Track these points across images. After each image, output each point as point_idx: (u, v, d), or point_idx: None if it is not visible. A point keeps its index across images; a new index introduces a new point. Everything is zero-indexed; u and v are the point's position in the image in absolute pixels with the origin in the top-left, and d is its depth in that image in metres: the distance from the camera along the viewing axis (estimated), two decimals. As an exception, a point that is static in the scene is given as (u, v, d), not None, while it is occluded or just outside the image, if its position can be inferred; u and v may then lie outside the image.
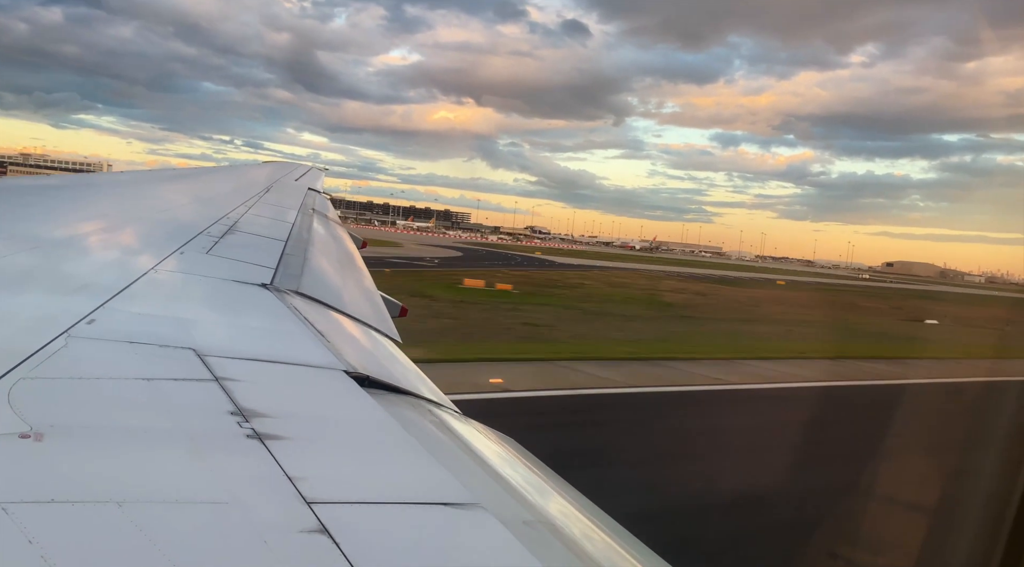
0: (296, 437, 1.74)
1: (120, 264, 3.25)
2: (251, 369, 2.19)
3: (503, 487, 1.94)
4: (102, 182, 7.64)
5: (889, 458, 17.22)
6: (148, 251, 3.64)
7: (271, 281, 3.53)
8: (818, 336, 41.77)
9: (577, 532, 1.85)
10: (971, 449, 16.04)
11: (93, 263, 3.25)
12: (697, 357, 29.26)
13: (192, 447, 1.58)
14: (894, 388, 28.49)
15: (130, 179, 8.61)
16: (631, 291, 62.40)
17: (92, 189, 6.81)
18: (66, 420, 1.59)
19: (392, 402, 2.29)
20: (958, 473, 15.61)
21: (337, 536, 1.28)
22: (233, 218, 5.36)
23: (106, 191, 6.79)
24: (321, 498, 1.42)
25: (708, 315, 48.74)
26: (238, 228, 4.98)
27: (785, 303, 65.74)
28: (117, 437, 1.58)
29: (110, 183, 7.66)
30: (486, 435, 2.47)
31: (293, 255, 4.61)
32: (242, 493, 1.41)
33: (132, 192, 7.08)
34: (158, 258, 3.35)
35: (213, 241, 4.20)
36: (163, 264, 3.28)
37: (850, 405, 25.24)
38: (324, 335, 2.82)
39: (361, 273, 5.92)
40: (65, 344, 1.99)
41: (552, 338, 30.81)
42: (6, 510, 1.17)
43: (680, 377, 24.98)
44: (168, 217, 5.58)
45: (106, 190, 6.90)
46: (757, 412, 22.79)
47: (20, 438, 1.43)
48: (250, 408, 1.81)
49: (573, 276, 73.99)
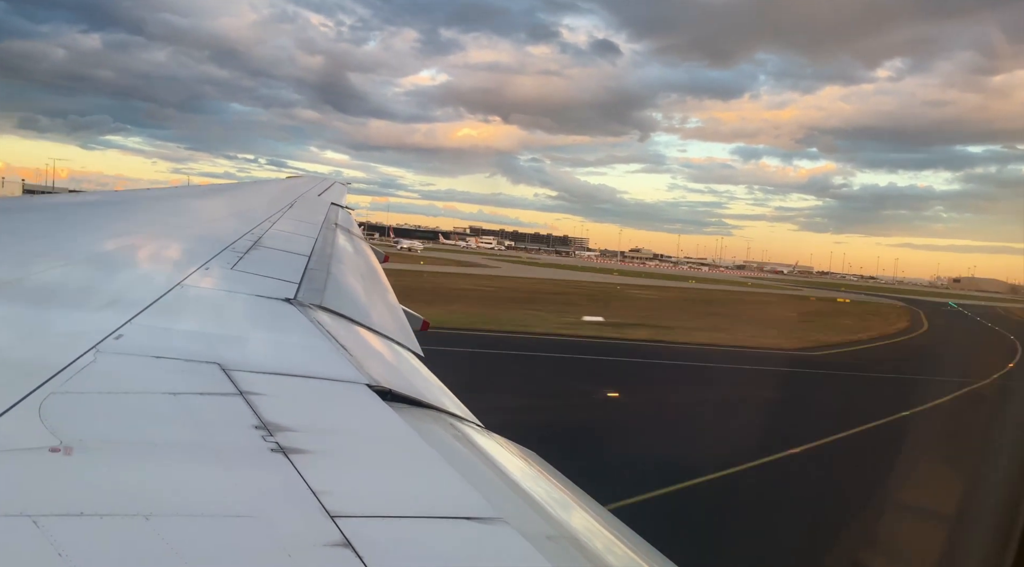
0: (320, 451, 1.75)
1: (147, 279, 3.30)
2: (275, 383, 2.21)
3: (526, 501, 1.93)
4: (129, 198, 7.75)
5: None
6: (174, 266, 3.69)
7: (295, 295, 3.56)
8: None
9: (600, 547, 1.84)
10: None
11: (121, 279, 3.30)
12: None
13: (218, 461, 1.59)
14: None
15: (155, 195, 8.73)
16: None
17: (119, 205, 6.92)
18: (95, 434, 1.61)
19: (414, 416, 2.30)
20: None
21: (361, 550, 1.29)
22: (258, 233, 5.43)
23: (133, 207, 6.90)
24: (345, 512, 1.42)
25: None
26: (262, 243, 5.04)
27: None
28: (144, 451, 1.60)
29: (136, 199, 7.77)
30: (508, 449, 2.47)
31: (316, 270, 4.65)
32: (267, 507, 1.42)
33: (158, 208, 7.18)
34: (184, 273, 3.40)
35: (238, 256, 4.25)
36: (189, 279, 3.32)
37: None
38: (347, 349, 2.84)
39: (384, 287, 5.96)
40: (94, 359, 2.02)
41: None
42: (37, 523, 1.19)
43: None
44: (193, 233, 5.65)
45: (133, 206, 7.01)
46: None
47: (51, 452, 1.45)
48: (274, 422, 1.83)
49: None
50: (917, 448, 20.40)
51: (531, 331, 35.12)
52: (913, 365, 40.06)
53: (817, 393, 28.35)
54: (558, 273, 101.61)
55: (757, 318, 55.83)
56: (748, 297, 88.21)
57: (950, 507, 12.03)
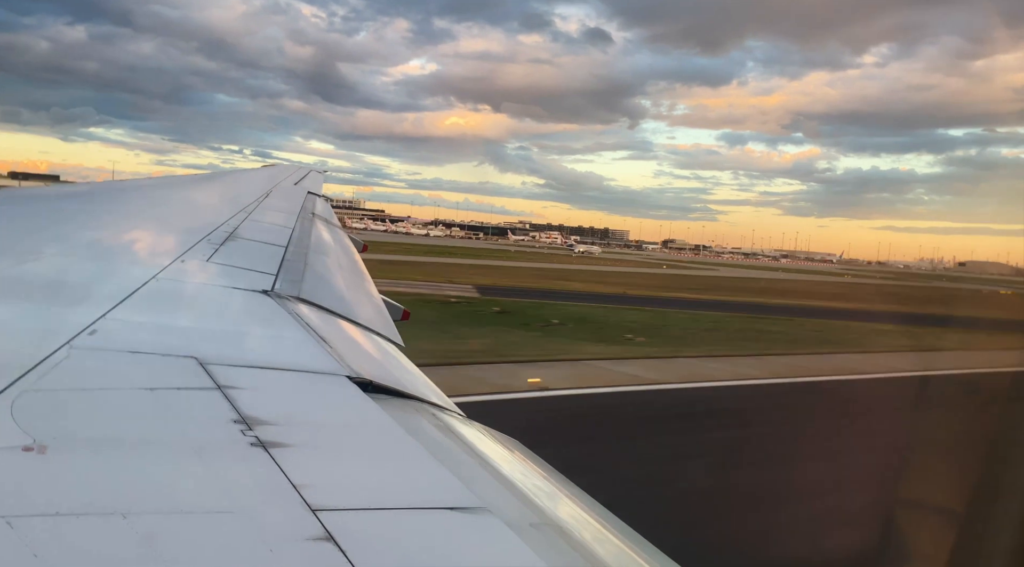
0: (300, 444, 1.73)
1: (121, 273, 3.25)
2: (254, 376, 2.19)
3: (510, 490, 1.93)
4: (103, 190, 7.63)
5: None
6: (148, 259, 3.64)
7: (272, 287, 3.53)
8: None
9: (585, 534, 1.85)
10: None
11: (94, 272, 3.25)
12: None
13: (196, 456, 1.57)
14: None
15: (130, 187, 8.60)
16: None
17: (93, 197, 6.81)
18: (69, 432, 1.58)
19: (396, 407, 2.29)
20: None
21: (343, 543, 1.28)
22: (233, 224, 5.36)
23: (107, 199, 6.79)
24: (326, 505, 1.41)
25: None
26: (238, 235, 4.98)
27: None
28: (121, 448, 1.57)
29: (111, 190, 7.65)
30: (491, 438, 2.46)
31: (293, 260, 4.61)
32: (247, 502, 1.41)
33: (133, 199, 7.08)
34: (158, 266, 3.35)
35: (214, 248, 4.20)
36: (164, 272, 3.27)
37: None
38: (326, 340, 2.81)
39: (363, 277, 5.92)
40: (67, 355, 1.98)
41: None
42: (11, 523, 1.16)
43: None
44: (169, 224, 5.58)
45: (107, 198, 6.90)
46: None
47: (23, 451, 1.42)
48: (253, 416, 1.81)
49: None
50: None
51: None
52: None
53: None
54: (740, 272, 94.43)
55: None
56: (958, 293, 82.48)
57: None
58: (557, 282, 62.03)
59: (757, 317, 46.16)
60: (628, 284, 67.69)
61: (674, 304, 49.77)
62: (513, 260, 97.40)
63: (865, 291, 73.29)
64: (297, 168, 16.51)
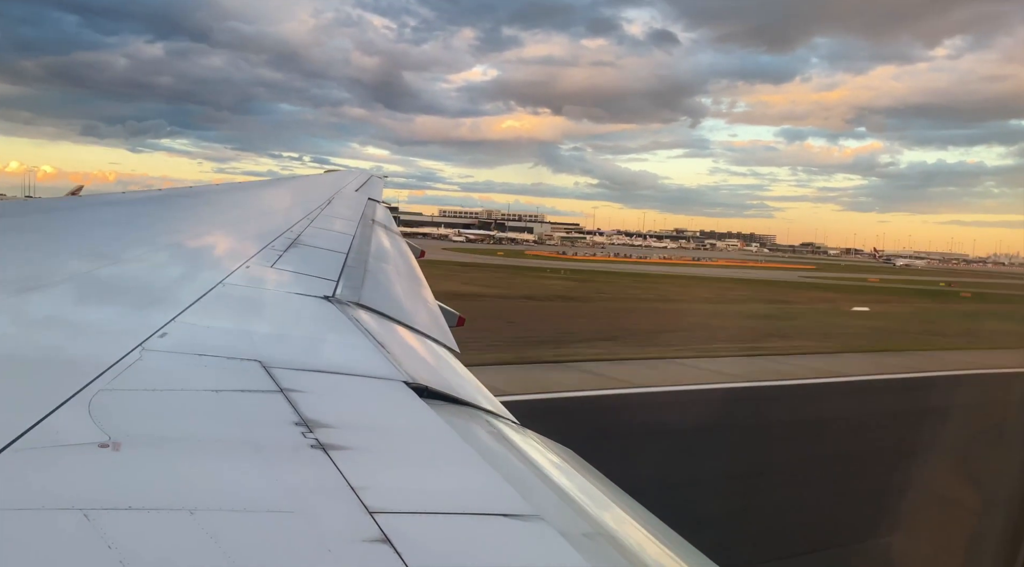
0: (358, 447, 1.77)
1: (189, 278, 3.38)
2: (314, 380, 2.24)
3: (563, 498, 1.93)
4: (172, 196, 7.91)
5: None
6: (216, 265, 3.77)
7: (333, 293, 3.61)
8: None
9: (638, 545, 1.84)
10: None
11: (165, 277, 3.38)
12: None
13: (259, 457, 1.62)
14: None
15: (196, 193, 8.88)
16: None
17: (162, 203, 7.07)
18: (141, 430, 1.66)
19: (451, 412, 2.31)
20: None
21: (399, 546, 1.30)
22: (296, 231, 5.50)
23: (176, 205, 7.05)
24: (383, 508, 1.44)
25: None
26: (301, 241, 5.12)
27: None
28: (188, 447, 1.64)
29: (179, 197, 7.93)
30: (545, 446, 2.47)
31: (354, 267, 4.70)
32: (307, 502, 1.45)
33: (199, 207, 7.32)
34: (225, 272, 3.47)
35: (278, 254, 4.32)
36: (230, 278, 3.38)
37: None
38: (385, 346, 2.87)
39: (420, 283, 6.00)
40: (140, 357, 2.08)
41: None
42: (87, 516, 1.22)
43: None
44: (234, 231, 5.76)
45: (176, 204, 7.15)
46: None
47: (100, 447, 1.50)
48: (314, 419, 1.86)
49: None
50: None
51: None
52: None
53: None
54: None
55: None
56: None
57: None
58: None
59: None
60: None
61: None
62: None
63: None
64: (358, 174, 16.79)
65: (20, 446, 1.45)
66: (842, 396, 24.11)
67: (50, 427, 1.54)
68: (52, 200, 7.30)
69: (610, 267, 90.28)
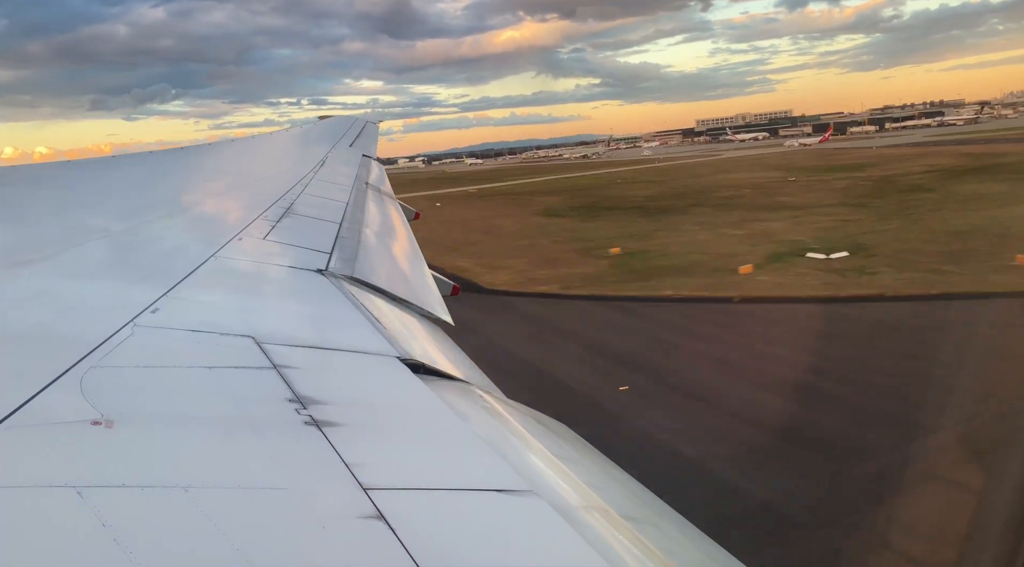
0: (352, 424, 1.78)
1: (180, 252, 3.35)
2: (308, 357, 2.24)
3: (556, 473, 1.95)
4: (162, 159, 7.68)
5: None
6: (207, 239, 3.73)
7: (326, 266, 3.59)
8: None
9: (630, 518, 1.85)
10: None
11: (156, 251, 3.35)
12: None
13: (253, 434, 1.62)
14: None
15: (189, 155, 8.57)
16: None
17: (154, 169, 6.91)
18: (134, 408, 1.65)
19: (444, 389, 2.31)
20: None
21: (393, 522, 1.31)
22: (289, 200, 5.45)
23: (166, 171, 6.89)
24: (377, 484, 1.45)
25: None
26: (294, 210, 5.06)
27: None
28: (182, 424, 1.64)
29: (169, 160, 7.69)
30: (538, 422, 2.48)
31: (347, 238, 4.67)
32: (301, 479, 1.45)
33: (191, 172, 7.18)
34: (217, 245, 3.43)
35: (270, 225, 4.28)
36: (222, 251, 3.35)
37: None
38: (378, 321, 2.86)
39: (414, 253, 5.96)
40: (132, 333, 2.06)
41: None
42: (81, 494, 1.22)
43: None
44: (226, 200, 5.68)
45: (166, 169, 6.99)
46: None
47: (92, 425, 1.49)
48: (308, 395, 1.85)
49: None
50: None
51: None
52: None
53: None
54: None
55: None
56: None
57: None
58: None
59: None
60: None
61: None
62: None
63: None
64: (352, 122, 16.25)
65: (12, 424, 1.45)
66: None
67: (42, 405, 1.54)
68: (32, 167, 7.00)
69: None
